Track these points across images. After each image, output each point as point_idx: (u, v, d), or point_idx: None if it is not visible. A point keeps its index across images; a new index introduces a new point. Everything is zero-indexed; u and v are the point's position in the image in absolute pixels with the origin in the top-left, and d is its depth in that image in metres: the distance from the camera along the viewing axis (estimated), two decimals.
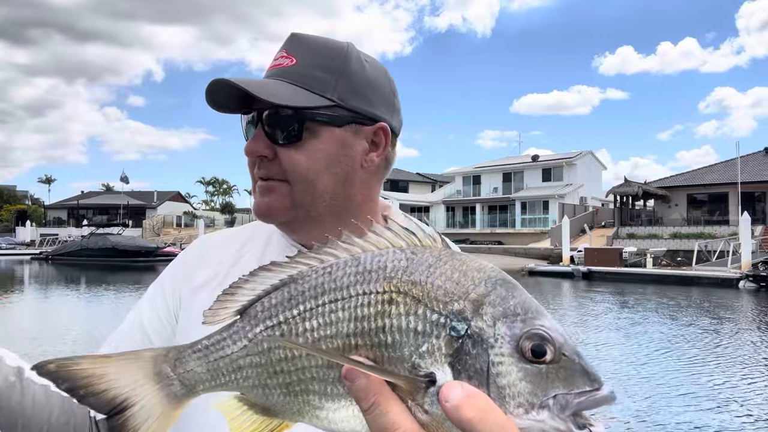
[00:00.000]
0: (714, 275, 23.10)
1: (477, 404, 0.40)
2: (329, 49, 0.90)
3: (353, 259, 0.49)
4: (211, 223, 56.37)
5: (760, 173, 36.26)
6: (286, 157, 0.86)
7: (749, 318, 15.23)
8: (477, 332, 0.44)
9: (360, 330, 0.46)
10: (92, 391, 0.50)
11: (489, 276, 0.46)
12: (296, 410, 0.50)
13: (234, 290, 0.52)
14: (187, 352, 0.52)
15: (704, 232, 32.70)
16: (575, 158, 47.79)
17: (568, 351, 0.44)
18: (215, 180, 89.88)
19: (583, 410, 0.43)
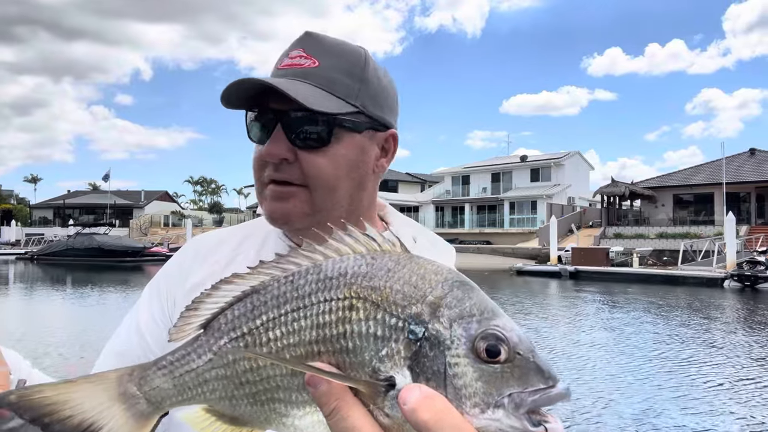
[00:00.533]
0: (699, 275, 23.38)
1: (434, 406, 0.41)
2: (349, 54, 0.90)
3: (314, 267, 0.49)
4: (199, 223, 56.03)
5: (745, 174, 36.76)
6: (310, 162, 0.85)
7: (735, 317, 15.42)
8: (434, 334, 0.44)
9: (322, 337, 0.47)
10: (56, 418, 0.50)
11: (446, 278, 0.47)
12: (264, 419, 0.50)
13: (197, 305, 0.52)
14: (151, 370, 0.53)
15: (690, 232, 33.09)
16: (563, 158, 48.10)
17: (523, 350, 0.44)
18: (203, 179, 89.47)
19: (538, 407, 0.43)
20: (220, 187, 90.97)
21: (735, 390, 8.21)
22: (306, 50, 0.88)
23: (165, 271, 1.01)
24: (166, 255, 39.91)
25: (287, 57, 0.88)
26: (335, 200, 0.87)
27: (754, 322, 14.24)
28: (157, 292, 0.98)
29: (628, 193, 38.81)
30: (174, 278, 0.98)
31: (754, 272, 21.19)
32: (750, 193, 36.91)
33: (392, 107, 0.94)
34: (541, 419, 0.43)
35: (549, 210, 40.19)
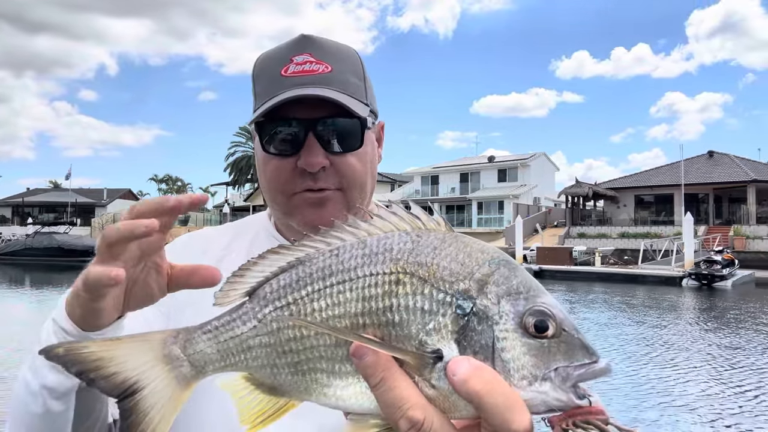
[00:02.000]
0: (658, 273, 24.07)
1: (484, 377, 0.42)
2: (350, 55, 0.92)
3: (359, 242, 0.50)
4: None
5: (703, 175, 37.94)
6: (345, 165, 0.87)
7: (692, 314, 15.93)
8: (482, 310, 0.45)
9: (368, 309, 0.47)
10: (102, 374, 0.51)
11: (492, 257, 0.48)
12: (304, 389, 0.50)
13: (243, 272, 0.53)
14: (196, 333, 0.53)
15: (650, 232, 34.03)
16: (529, 159, 48.85)
17: (568, 326, 0.46)
18: (168, 177, 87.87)
19: (583, 381, 0.45)
20: (186, 185, 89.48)
21: (689, 383, 8.49)
22: (314, 55, 0.88)
23: None
24: None
25: (293, 63, 0.88)
26: (365, 196, 0.91)
27: (709, 318, 14.75)
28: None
29: (591, 194, 39.66)
30: None
31: (711, 271, 21.90)
32: (708, 194, 38.13)
33: (375, 99, 0.98)
34: (585, 393, 0.44)
35: (515, 210, 40.77)
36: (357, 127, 0.87)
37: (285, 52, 0.89)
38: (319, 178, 0.87)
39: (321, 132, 0.85)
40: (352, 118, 0.86)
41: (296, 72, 0.87)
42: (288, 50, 0.89)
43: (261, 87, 0.91)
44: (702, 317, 15.15)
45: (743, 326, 13.45)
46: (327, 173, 0.87)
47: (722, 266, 22.16)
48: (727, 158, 39.51)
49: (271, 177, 0.89)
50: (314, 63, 0.87)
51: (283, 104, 0.83)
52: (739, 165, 37.61)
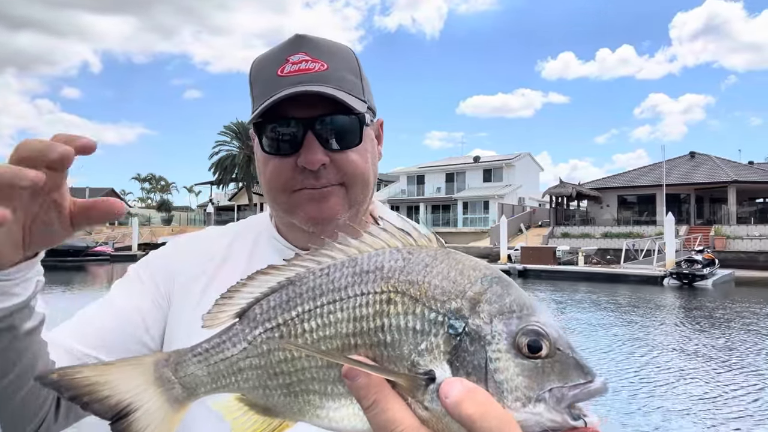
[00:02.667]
0: (640, 273, 24.24)
1: (477, 399, 0.41)
2: (345, 53, 0.93)
3: (350, 261, 0.49)
4: (146, 222, 54.39)
5: (685, 176, 38.33)
6: (346, 162, 0.88)
7: (673, 313, 16.05)
8: (474, 329, 0.45)
9: (359, 330, 0.47)
10: (95, 398, 0.51)
11: (485, 274, 0.47)
12: (297, 410, 0.50)
13: (232, 294, 0.53)
14: (187, 356, 0.53)
15: (633, 232, 34.30)
16: (514, 160, 49.04)
17: (563, 345, 0.45)
18: (152, 176, 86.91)
19: (578, 402, 0.44)
20: (169, 184, 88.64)
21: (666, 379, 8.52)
22: (310, 54, 0.88)
23: (149, 266, 1.00)
24: (111, 255, 38.77)
25: (288, 63, 0.88)
26: (367, 192, 0.92)
27: (690, 317, 14.86)
28: (139, 282, 0.97)
29: (575, 194, 39.90)
30: (161, 273, 0.97)
31: (692, 270, 22.08)
32: (690, 195, 38.55)
33: (373, 96, 0.99)
34: (580, 413, 0.43)
35: (500, 210, 40.88)
36: (355, 124, 0.88)
37: (280, 53, 0.90)
38: (321, 175, 0.87)
39: (319, 130, 0.86)
40: (349, 115, 0.87)
41: (292, 71, 0.87)
42: (283, 50, 0.90)
43: (258, 89, 0.91)
44: (683, 316, 15.26)
45: (724, 324, 13.56)
46: (328, 170, 0.87)
47: (703, 266, 22.35)
48: (709, 159, 39.96)
49: (271, 176, 0.89)
50: (310, 61, 0.88)
51: (281, 104, 0.84)
52: (720, 166, 38.06)
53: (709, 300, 18.55)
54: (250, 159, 52.12)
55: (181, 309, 0.94)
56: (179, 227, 52.57)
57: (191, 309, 0.92)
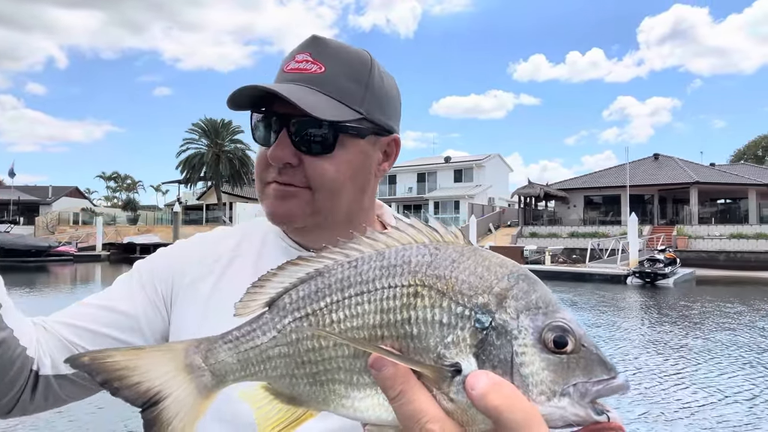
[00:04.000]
0: (604, 272, 24.69)
1: (503, 392, 0.42)
2: (355, 59, 0.91)
3: (378, 254, 0.50)
4: (112, 221, 53.17)
5: (649, 177, 39.25)
6: (314, 167, 0.87)
7: (635, 311, 16.39)
8: (501, 324, 0.45)
9: (386, 321, 0.48)
10: (126, 383, 0.51)
11: (511, 271, 0.48)
12: (322, 399, 0.51)
13: (263, 283, 0.53)
14: (218, 343, 0.54)
15: (599, 232, 34.97)
16: (484, 160, 49.57)
17: (587, 342, 0.46)
18: (117, 175, 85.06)
19: (601, 397, 0.45)
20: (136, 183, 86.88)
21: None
22: (312, 54, 0.89)
23: (154, 266, 1.00)
24: (74, 255, 37.78)
25: (293, 60, 0.89)
26: (337, 202, 0.90)
27: (650, 314, 15.19)
28: (141, 287, 0.97)
29: (543, 194, 40.51)
30: (164, 273, 0.98)
31: (654, 269, 22.56)
32: (653, 195, 39.49)
33: (395, 111, 0.97)
34: (603, 408, 0.44)
35: (470, 210, 41.24)
36: (328, 132, 0.87)
37: (295, 50, 0.91)
38: (285, 173, 0.88)
39: (293, 129, 0.86)
40: (325, 121, 0.86)
41: (293, 69, 0.89)
42: (297, 49, 0.91)
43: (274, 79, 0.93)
44: (644, 313, 15.58)
45: (682, 321, 13.90)
46: (295, 171, 0.88)
47: (665, 265, 22.86)
48: (672, 161, 41.01)
49: (255, 164, 0.93)
50: (309, 62, 0.88)
51: (269, 98, 0.85)
52: (683, 167, 39.08)
53: (669, 298, 19.01)
54: (219, 157, 51.45)
55: (187, 309, 0.94)
56: (146, 227, 51.55)
57: (198, 309, 0.93)
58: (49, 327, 0.89)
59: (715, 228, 33.38)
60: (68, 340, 0.88)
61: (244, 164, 52.34)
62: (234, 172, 51.70)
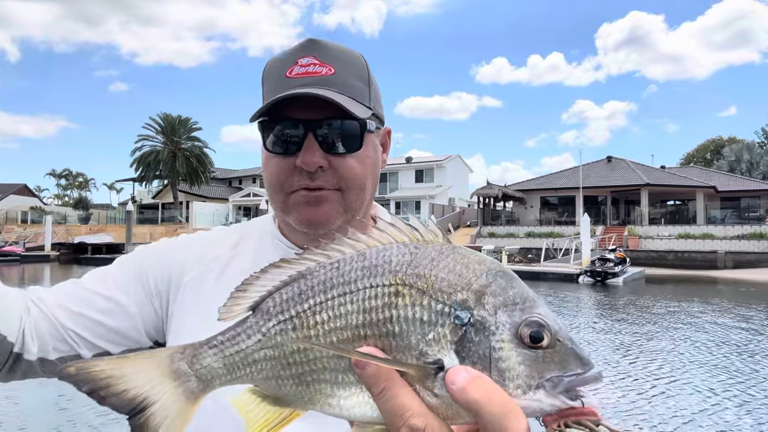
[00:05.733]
0: (558, 271, 25.22)
1: (482, 385, 0.44)
2: (355, 59, 0.94)
3: (359, 255, 0.51)
4: (62, 220, 51.42)
5: (602, 179, 40.27)
6: (344, 167, 0.89)
7: (587, 308, 16.76)
8: (479, 320, 0.47)
9: (368, 321, 0.49)
10: (112, 392, 0.52)
11: (489, 268, 0.49)
12: (308, 399, 0.51)
13: (246, 287, 0.54)
14: (203, 349, 0.54)
15: (554, 232, 35.71)
16: (445, 161, 49.99)
17: (562, 337, 0.47)
18: (68, 172, 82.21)
19: (574, 387, 0.46)
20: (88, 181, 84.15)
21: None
22: (318, 57, 0.90)
23: (152, 260, 1.00)
24: (21, 255, 36.30)
25: (297, 65, 0.90)
26: (364, 198, 0.93)
27: (599, 311, 15.56)
28: (137, 277, 0.98)
29: (501, 195, 41.08)
30: (163, 269, 0.99)
31: (604, 268, 23.16)
32: (606, 197, 40.52)
33: (382, 104, 1.01)
34: (577, 395, 0.46)
35: (431, 210, 41.54)
36: (356, 129, 0.90)
37: (291, 55, 0.92)
38: (317, 177, 0.89)
39: (320, 132, 0.88)
40: (350, 120, 0.88)
41: (300, 74, 0.89)
42: (294, 53, 0.92)
43: (267, 88, 0.93)
44: (593, 311, 15.96)
45: (630, 317, 14.29)
46: (325, 173, 0.89)
47: (615, 264, 23.48)
48: (624, 163, 42.19)
49: (271, 175, 0.92)
50: (318, 65, 0.90)
51: (285, 104, 0.86)
52: (635, 170, 40.24)
53: (618, 296, 19.52)
54: (176, 155, 50.29)
55: (187, 307, 0.96)
56: (98, 226, 50.02)
57: (198, 308, 0.94)
58: (46, 308, 0.90)
59: (664, 228, 34.51)
60: (63, 324, 0.90)
61: (202, 162, 51.36)
62: (191, 170, 50.58)
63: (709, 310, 15.72)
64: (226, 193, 56.52)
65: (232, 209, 50.24)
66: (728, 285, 23.88)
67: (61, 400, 7.03)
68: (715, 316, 14.66)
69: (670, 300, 18.15)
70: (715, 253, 30.44)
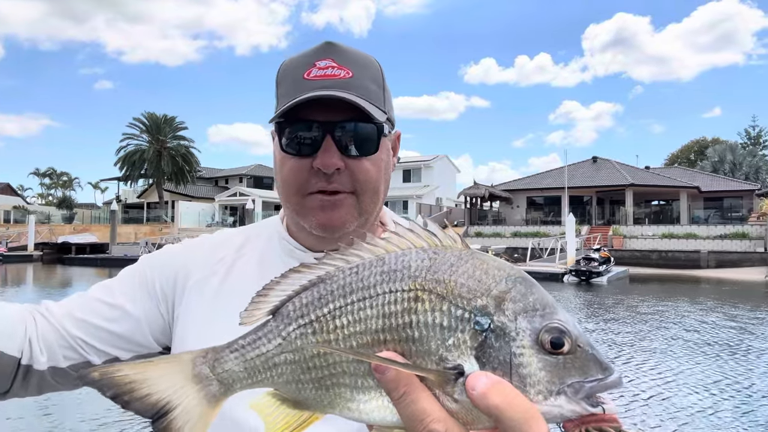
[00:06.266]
0: (543, 270, 25.31)
1: (503, 391, 0.43)
2: (371, 63, 0.95)
3: (378, 260, 0.51)
4: (46, 219, 50.78)
5: (587, 179, 40.60)
6: (360, 169, 0.90)
7: (571, 307, 16.85)
8: (500, 326, 0.47)
9: (388, 326, 0.49)
10: (135, 396, 0.52)
11: (509, 274, 0.49)
12: (328, 402, 0.52)
13: (266, 291, 0.54)
14: (224, 353, 0.54)
15: (540, 231, 35.92)
16: (432, 161, 50.12)
17: (583, 343, 0.47)
18: (53, 171, 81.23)
19: (595, 393, 0.46)
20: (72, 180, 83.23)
21: None
22: (336, 60, 0.91)
23: (157, 265, 1.01)
24: (3, 255, 35.76)
25: (315, 68, 0.90)
26: (378, 201, 0.94)
27: (583, 310, 15.68)
28: (142, 283, 0.98)
29: (488, 195, 41.25)
30: (168, 273, 0.99)
31: (589, 268, 23.35)
32: (592, 197, 40.85)
33: (393, 109, 1.01)
34: (598, 401, 0.46)
35: (418, 209, 41.60)
36: (374, 133, 0.90)
37: (309, 58, 0.92)
38: (334, 179, 0.89)
39: (338, 135, 0.88)
40: (369, 123, 0.89)
41: (318, 76, 0.89)
42: (312, 55, 0.92)
43: (283, 89, 0.93)
44: (577, 309, 16.07)
45: (612, 315, 14.42)
46: (341, 176, 0.89)
47: (599, 263, 23.69)
48: (609, 163, 42.54)
49: (287, 176, 0.91)
50: (336, 68, 0.90)
51: (303, 106, 0.86)
52: (619, 170, 40.60)
53: (602, 295, 19.68)
54: (161, 154, 49.90)
55: (193, 310, 0.96)
56: (82, 226, 49.44)
57: (205, 310, 0.95)
58: (53, 319, 0.91)
59: (648, 228, 34.84)
60: (70, 333, 0.91)
61: (188, 161, 51.01)
62: (177, 169, 50.26)
63: (697, 309, 15.88)
64: (213, 192, 56.16)
65: (218, 209, 49.92)
66: (711, 284, 24.18)
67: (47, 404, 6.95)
68: (703, 315, 14.81)
69: (658, 299, 18.32)
70: (698, 253, 30.80)
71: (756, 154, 58.35)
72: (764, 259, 28.93)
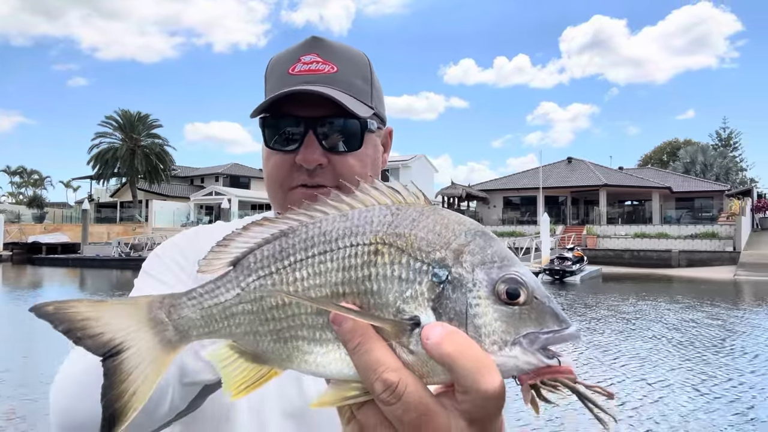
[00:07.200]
0: None
1: (456, 340, 0.44)
2: (358, 58, 0.95)
3: (341, 215, 0.52)
4: (16, 219, 49.54)
5: (562, 179, 41.11)
6: (343, 165, 0.90)
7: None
8: (457, 278, 0.47)
9: (347, 279, 0.49)
10: (88, 333, 0.52)
11: (469, 228, 0.50)
12: (286, 356, 0.52)
13: (227, 242, 0.54)
14: (182, 299, 0.54)
15: (516, 231, 36.22)
16: (410, 161, 50.22)
17: (540, 294, 0.47)
18: (23, 170, 79.36)
19: (551, 345, 0.46)
20: (44, 178, 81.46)
21: None
22: (321, 55, 0.90)
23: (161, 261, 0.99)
24: None
25: (299, 63, 0.90)
26: None
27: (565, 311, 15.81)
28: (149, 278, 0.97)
29: (465, 195, 41.54)
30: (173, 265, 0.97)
31: (562, 267, 23.62)
32: (567, 197, 41.35)
33: (384, 105, 1.02)
34: (554, 354, 0.46)
35: None
36: (357, 128, 0.90)
37: (294, 53, 0.92)
38: (316, 174, 0.89)
39: (321, 130, 0.88)
40: (352, 119, 0.89)
41: (303, 71, 0.90)
42: (297, 50, 0.92)
43: (270, 85, 0.94)
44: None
45: (585, 313, 14.57)
46: (324, 171, 0.89)
47: (573, 262, 23.97)
48: (584, 164, 43.12)
49: (271, 171, 0.92)
50: (320, 63, 0.90)
51: (286, 101, 0.86)
52: (594, 171, 41.18)
53: (575, 293, 19.91)
54: (134, 152, 49.04)
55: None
56: (53, 225, 48.37)
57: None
58: None
59: (621, 228, 35.38)
60: None
61: (162, 160, 50.25)
62: (151, 167, 49.45)
63: (677, 308, 16.12)
64: (188, 191, 55.37)
65: (193, 208, 49.23)
66: (683, 283, 24.63)
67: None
68: (682, 313, 15.05)
69: (622, 296, 18.57)
70: (670, 252, 31.39)
71: (726, 155, 59.70)
72: (733, 258, 29.59)
